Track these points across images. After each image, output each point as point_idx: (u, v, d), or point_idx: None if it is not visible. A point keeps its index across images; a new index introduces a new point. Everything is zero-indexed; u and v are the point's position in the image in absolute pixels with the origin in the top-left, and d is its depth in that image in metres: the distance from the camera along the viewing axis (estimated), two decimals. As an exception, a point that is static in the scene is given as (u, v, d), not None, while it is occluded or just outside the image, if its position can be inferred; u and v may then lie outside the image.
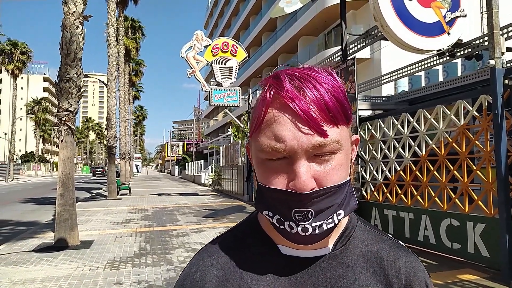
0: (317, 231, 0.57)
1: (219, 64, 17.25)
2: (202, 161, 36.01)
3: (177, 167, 57.59)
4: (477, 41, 7.11)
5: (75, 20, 7.66)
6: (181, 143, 68.07)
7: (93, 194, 21.47)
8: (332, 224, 0.58)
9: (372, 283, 0.64)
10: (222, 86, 17.19)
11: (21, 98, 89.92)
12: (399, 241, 0.71)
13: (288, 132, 0.56)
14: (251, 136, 0.62)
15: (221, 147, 25.54)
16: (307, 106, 0.55)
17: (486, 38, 6.70)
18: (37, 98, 66.95)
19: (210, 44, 17.22)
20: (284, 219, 0.58)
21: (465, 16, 6.94)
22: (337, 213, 0.59)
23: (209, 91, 17.26)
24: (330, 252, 0.65)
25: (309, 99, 0.56)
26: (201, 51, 17.16)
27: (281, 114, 0.57)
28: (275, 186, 0.58)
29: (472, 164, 5.70)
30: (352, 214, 0.70)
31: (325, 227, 0.58)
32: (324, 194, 0.57)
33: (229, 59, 17.33)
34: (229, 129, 28.18)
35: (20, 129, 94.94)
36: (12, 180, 41.63)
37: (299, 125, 0.55)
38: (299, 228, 0.57)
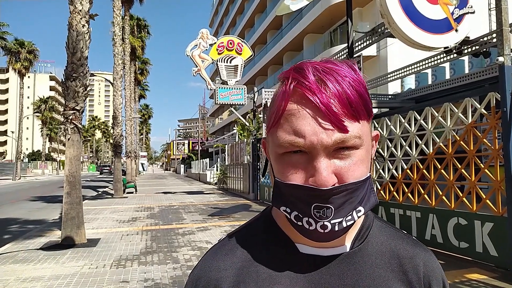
0: (336, 228, 0.56)
1: (224, 62, 17.25)
2: (207, 160, 36.10)
3: (182, 166, 57.76)
4: (485, 38, 7.04)
5: (81, 19, 7.68)
6: (186, 141, 68.23)
7: (100, 193, 21.58)
8: (352, 221, 0.57)
9: (391, 280, 0.64)
10: (227, 84, 17.19)
11: (28, 97, 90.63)
12: (415, 238, 0.71)
13: (308, 127, 0.54)
14: (268, 131, 0.61)
15: (226, 146, 25.55)
16: (329, 100, 0.54)
17: (494, 35, 6.63)
18: (43, 97, 67.40)
19: (215, 43, 17.22)
20: (302, 215, 0.57)
21: (473, 12, 6.87)
22: (357, 209, 0.57)
23: (215, 89, 17.26)
24: (348, 250, 0.65)
25: (330, 93, 0.54)
26: (206, 50, 17.17)
27: (302, 108, 0.55)
28: (293, 182, 0.56)
29: (480, 162, 5.64)
30: (368, 211, 0.69)
31: (344, 224, 0.56)
32: (346, 190, 0.55)
33: (235, 57, 17.32)
34: (234, 128, 28.18)
35: (27, 128, 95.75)
36: (20, 179, 41.99)
37: (320, 120, 0.54)
38: (318, 225, 0.56)
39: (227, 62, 17.25)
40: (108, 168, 60.23)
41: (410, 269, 0.65)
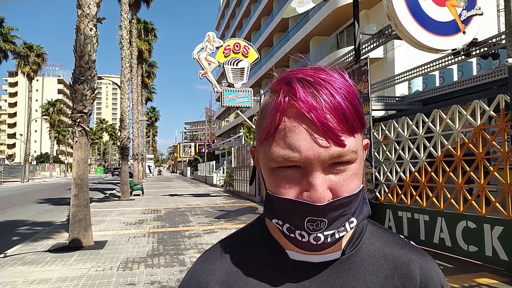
0: (329, 240, 0.55)
1: (230, 65, 17.26)
2: (213, 162, 36.14)
3: (189, 168, 57.88)
4: (494, 40, 6.97)
5: (88, 22, 7.74)
6: (193, 144, 68.48)
7: (107, 195, 21.69)
8: (344, 233, 0.57)
9: (385, 287, 0.62)
10: (233, 87, 17.20)
11: (36, 100, 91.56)
12: (412, 242, 0.69)
13: (304, 142, 0.53)
14: (261, 144, 0.59)
15: (232, 148, 25.58)
16: (324, 115, 0.53)
17: (503, 36, 6.57)
18: (51, 100, 67.99)
19: (221, 45, 17.25)
20: (295, 228, 0.56)
21: (481, 14, 6.81)
22: (349, 220, 0.57)
23: (221, 92, 17.29)
24: (340, 256, 0.63)
25: (325, 108, 0.53)
26: (213, 52, 17.21)
27: (297, 123, 0.54)
28: (286, 196, 0.56)
29: (489, 165, 5.58)
30: None
31: (337, 236, 0.56)
32: (340, 205, 0.55)
33: (241, 60, 17.33)
34: (240, 130, 28.20)
35: (35, 131, 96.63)
36: (28, 181, 42.34)
37: (315, 135, 0.53)
38: (311, 237, 0.55)
39: (233, 65, 17.26)
40: (119, 170, 60.71)
41: (405, 275, 0.63)
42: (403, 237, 0.70)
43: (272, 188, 0.58)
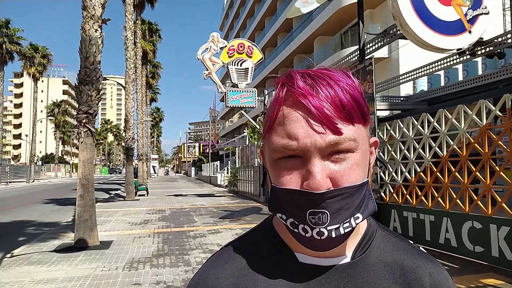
0: (333, 234, 0.54)
1: (235, 65, 17.30)
2: (218, 162, 36.19)
3: (193, 168, 58.00)
4: (500, 39, 6.93)
5: (94, 23, 7.78)
6: (197, 144, 68.65)
7: (112, 195, 21.77)
8: (350, 228, 0.56)
9: None
10: (238, 87, 17.23)
11: (42, 101, 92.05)
12: (422, 248, 0.69)
13: (301, 129, 0.54)
14: (264, 137, 0.60)
15: (237, 148, 25.61)
16: (320, 103, 0.53)
17: (509, 35, 6.54)
18: (57, 100, 68.45)
19: (226, 46, 17.29)
20: (298, 222, 0.56)
21: (487, 13, 6.78)
22: (355, 216, 0.56)
23: (225, 92, 17.33)
24: (349, 260, 0.63)
25: (322, 96, 0.54)
26: (217, 53, 17.25)
27: (294, 111, 0.55)
28: (288, 187, 0.56)
29: (495, 165, 5.55)
30: (371, 220, 0.68)
31: (341, 231, 0.55)
32: (341, 195, 0.54)
33: (245, 60, 17.36)
34: (244, 130, 28.23)
35: (41, 131, 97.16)
36: (33, 181, 42.58)
37: (312, 122, 0.53)
38: (314, 232, 0.54)
39: (237, 65, 17.29)
40: None
41: (414, 281, 0.62)
42: (412, 242, 0.69)
43: (275, 179, 0.58)
